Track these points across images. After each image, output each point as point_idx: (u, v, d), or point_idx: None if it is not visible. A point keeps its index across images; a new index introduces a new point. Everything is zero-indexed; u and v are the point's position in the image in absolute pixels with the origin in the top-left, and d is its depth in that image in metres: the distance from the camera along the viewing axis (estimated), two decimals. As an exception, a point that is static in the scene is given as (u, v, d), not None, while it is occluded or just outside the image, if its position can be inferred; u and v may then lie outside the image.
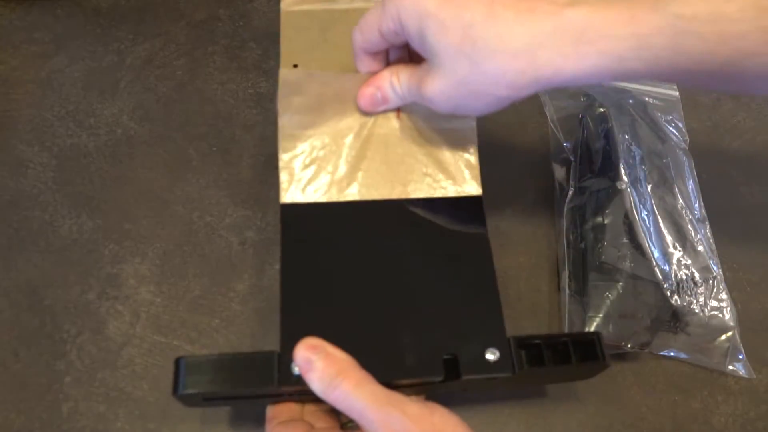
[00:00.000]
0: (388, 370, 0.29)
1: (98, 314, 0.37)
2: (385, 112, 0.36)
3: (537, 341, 0.30)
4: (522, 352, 0.30)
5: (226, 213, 0.42)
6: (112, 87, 0.46)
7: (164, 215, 0.41)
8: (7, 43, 0.47)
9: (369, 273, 0.32)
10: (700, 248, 0.43)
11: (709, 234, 0.46)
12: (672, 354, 0.41)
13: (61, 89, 0.45)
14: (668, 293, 0.40)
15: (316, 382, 0.27)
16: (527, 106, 0.52)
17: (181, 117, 0.46)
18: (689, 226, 0.44)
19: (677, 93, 0.54)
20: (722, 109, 0.57)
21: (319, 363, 0.27)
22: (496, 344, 0.30)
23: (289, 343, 0.28)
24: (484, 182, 0.47)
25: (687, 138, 0.51)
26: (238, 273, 0.40)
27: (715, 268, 0.43)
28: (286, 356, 0.28)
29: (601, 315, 0.39)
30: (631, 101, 0.49)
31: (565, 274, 0.42)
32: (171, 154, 0.44)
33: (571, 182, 0.45)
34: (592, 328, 0.38)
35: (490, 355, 0.29)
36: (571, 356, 0.30)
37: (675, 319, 0.40)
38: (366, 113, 0.36)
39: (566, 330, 0.40)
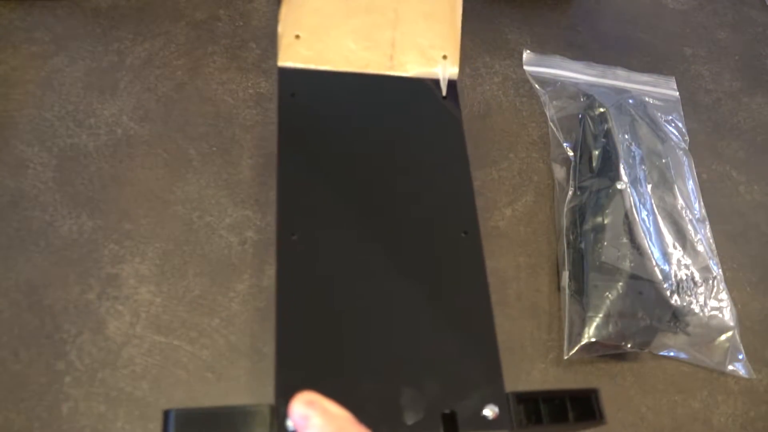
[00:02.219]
0: (387, 428, 0.28)
1: (98, 314, 0.37)
2: None
3: (535, 396, 0.30)
4: (520, 408, 0.29)
5: (226, 213, 0.42)
6: (112, 87, 0.46)
7: (164, 215, 0.41)
8: (7, 43, 0.47)
9: (364, 303, 0.32)
10: (700, 248, 0.43)
11: (709, 234, 0.46)
12: (672, 354, 0.41)
13: (61, 89, 0.45)
14: (668, 293, 0.40)
15: None
16: (527, 106, 0.52)
17: (181, 117, 0.46)
18: (689, 226, 0.44)
19: (677, 93, 0.54)
20: (722, 109, 0.57)
21: (317, 420, 0.26)
22: (495, 400, 0.29)
23: (284, 396, 0.27)
24: (485, 183, 0.47)
25: (687, 138, 0.51)
26: (238, 273, 0.40)
27: (715, 268, 0.43)
28: (281, 410, 0.27)
29: (601, 315, 0.39)
30: (631, 101, 0.49)
31: (565, 274, 0.42)
32: (171, 154, 0.44)
33: (571, 182, 0.45)
34: (592, 328, 0.38)
35: (489, 411, 0.29)
36: (569, 413, 0.29)
37: (675, 319, 0.40)
38: None
39: (566, 330, 0.40)
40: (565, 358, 0.39)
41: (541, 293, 0.42)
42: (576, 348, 0.38)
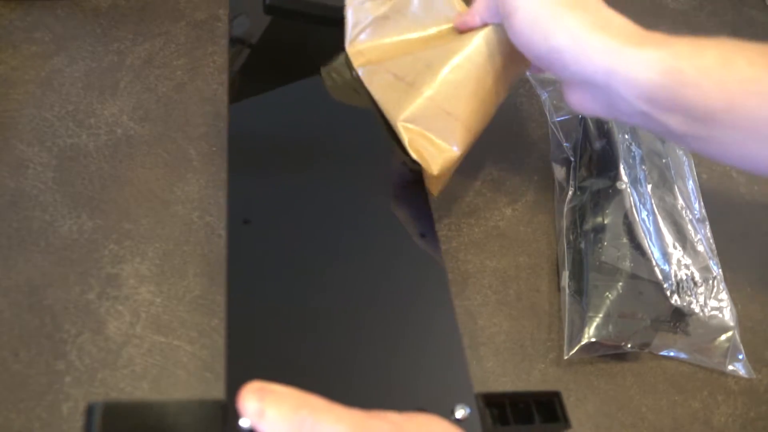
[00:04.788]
0: None
1: (98, 314, 0.37)
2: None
3: (501, 399, 0.29)
4: (487, 411, 0.29)
5: (226, 213, 0.42)
6: (112, 87, 0.46)
7: (164, 215, 0.41)
8: (7, 43, 0.47)
9: (323, 304, 0.31)
10: (700, 248, 0.43)
11: (709, 234, 0.46)
12: (672, 354, 0.41)
13: (61, 89, 0.45)
14: (668, 293, 0.40)
15: (277, 426, 0.23)
16: (527, 106, 0.52)
17: (181, 117, 0.46)
18: (689, 226, 0.44)
19: (677, 93, 0.54)
20: (722, 109, 0.56)
21: (272, 411, 0.23)
22: (465, 401, 0.29)
23: (237, 390, 0.24)
24: (485, 183, 0.47)
25: (687, 138, 0.51)
26: (238, 273, 0.40)
27: (715, 268, 0.43)
28: (233, 406, 0.24)
29: (601, 315, 0.39)
30: (631, 101, 0.49)
31: (565, 274, 0.42)
32: (171, 154, 0.44)
33: (571, 182, 0.45)
34: (592, 329, 0.38)
35: (460, 412, 0.28)
36: (534, 417, 0.29)
37: (675, 319, 0.40)
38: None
39: (566, 330, 0.40)
40: (565, 358, 0.39)
41: (541, 293, 0.42)
42: (576, 348, 0.38)
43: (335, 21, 0.42)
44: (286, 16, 0.43)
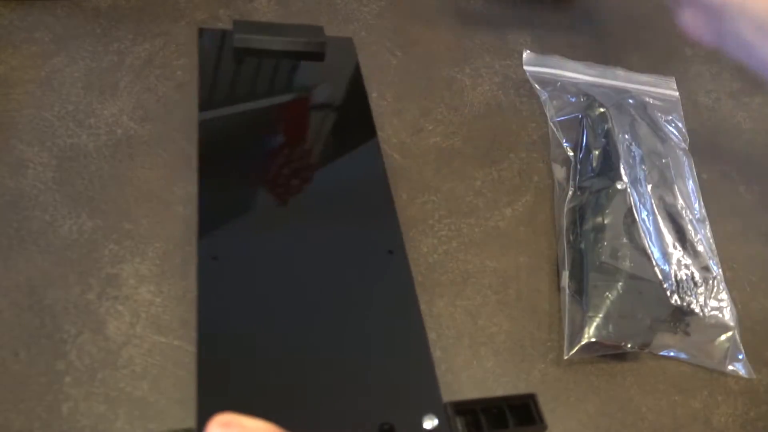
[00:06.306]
0: None
1: (98, 314, 0.37)
2: None
3: (473, 406, 0.29)
4: (458, 419, 0.29)
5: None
6: (112, 87, 0.46)
7: (164, 215, 0.41)
8: (7, 43, 0.47)
9: (292, 320, 0.31)
10: (700, 248, 0.43)
11: (709, 234, 0.46)
12: (672, 354, 0.41)
13: (61, 89, 0.45)
14: (668, 293, 0.40)
15: None
16: (527, 106, 0.52)
17: (181, 117, 0.45)
18: (689, 226, 0.44)
19: (677, 93, 0.54)
20: (722, 109, 0.57)
21: None
22: (433, 410, 0.28)
23: (206, 420, 0.24)
24: (485, 183, 0.47)
25: (687, 138, 0.51)
26: (238, 273, 0.40)
27: (715, 268, 0.43)
28: None
29: (601, 315, 0.39)
30: (631, 101, 0.50)
31: (565, 274, 0.42)
32: (171, 154, 0.44)
33: (571, 182, 0.45)
34: (592, 329, 0.38)
35: (428, 423, 0.28)
36: (508, 421, 0.29)
37: (675, 319, 0.40)
38: None
39: (566, 330, 0.40)
40: (565, 358, 0.39)
41: (541, 293, 0.42)
42: (576, 348, 0.38)
43: (302, 55, 0.44)
44: (255, 55, 0.44)
